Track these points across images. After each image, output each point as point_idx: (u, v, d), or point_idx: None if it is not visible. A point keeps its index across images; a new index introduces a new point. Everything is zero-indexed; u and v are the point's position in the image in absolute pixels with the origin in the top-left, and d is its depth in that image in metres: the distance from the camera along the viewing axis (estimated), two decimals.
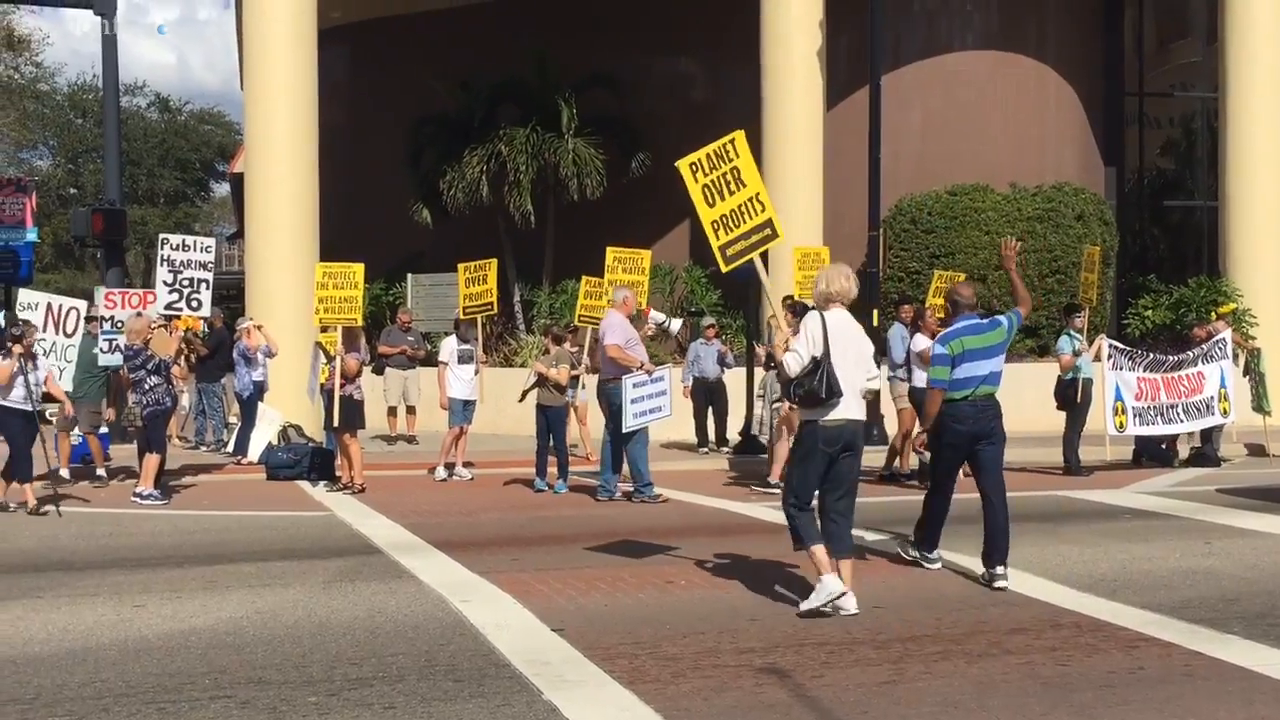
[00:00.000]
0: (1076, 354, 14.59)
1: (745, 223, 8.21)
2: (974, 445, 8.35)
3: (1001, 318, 8.58)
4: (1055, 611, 7.35)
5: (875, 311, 17.65)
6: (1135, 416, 14.89)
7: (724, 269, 8.51)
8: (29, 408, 11.96)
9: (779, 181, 19.31)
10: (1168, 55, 26.37)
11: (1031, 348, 20.18)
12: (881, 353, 15.21)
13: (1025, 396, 17.68)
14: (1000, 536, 8.18)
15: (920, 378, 13.49)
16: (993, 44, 22.78)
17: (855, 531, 7.79)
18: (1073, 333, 14.80)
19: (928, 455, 9.57)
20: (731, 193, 8.25)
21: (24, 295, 14.64)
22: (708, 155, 8.34)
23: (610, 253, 15.19)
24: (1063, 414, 14.84)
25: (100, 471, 14.30)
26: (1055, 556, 9.14)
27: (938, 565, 8.79)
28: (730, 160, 8.30)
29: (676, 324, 16.88)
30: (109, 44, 18.69)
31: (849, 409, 7.35)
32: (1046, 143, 22.93)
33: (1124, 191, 24.40)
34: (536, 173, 21.95)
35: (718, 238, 8.25)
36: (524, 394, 13.89)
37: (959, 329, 8.49)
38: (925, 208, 20.84)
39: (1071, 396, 14.63)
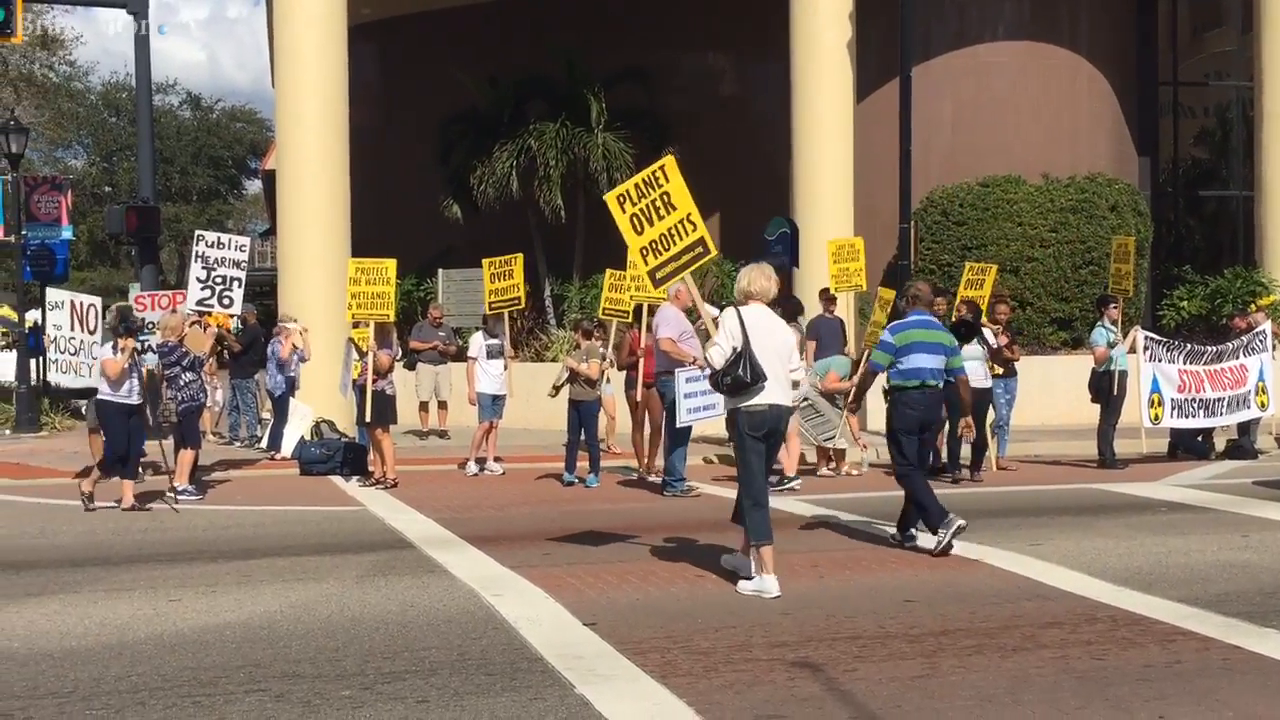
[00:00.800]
0: (1111, 345, 14.46)
1: (675, 244, 8.50)
2: (922, 432, 9.18)
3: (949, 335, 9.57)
4: (1091, 605, 7.30)
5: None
6: (1174, 408, 14.74)
7: (653, 290, 9.16)
8: (134, 401, 11.98)
9: (809, 174, 19.27)
10: (1202, 44, 26.12)
11: (1065, 340, 20.04)
12: None
13: (1058, 389, 17.64)
14: (932, 504, 9.05)
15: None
16: (1024, 34, 22.59)
17: (875, 531, 7.80)
18: (1107, 324, 14.67)
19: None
20: (660, 218, 8.51)
21: (51, 294, 14.83)
22: (636, 185, 8.61)
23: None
24: (1096, 406, 14.71)
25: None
26: (1090, 550, 9.08)
27: (960, 523, 8.91)
28: (660, 186, 8.53)
29: (714, 312, 16.81)
30: (142, 43, 18.82)
31: (773, 395, 7.77)
32: (1079, 133, 22.73)
33: (1158, 182, 24.19)
34: (566, 167, 21.97)
35: (646, 263, 8.60)
36: (555, 389, 13.90)
37: (910, 322, 9.25)
38: (957, 199, 20.71)
39: (1106, 388, 14.51)
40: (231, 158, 65.23)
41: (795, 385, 8.27)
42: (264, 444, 16.85)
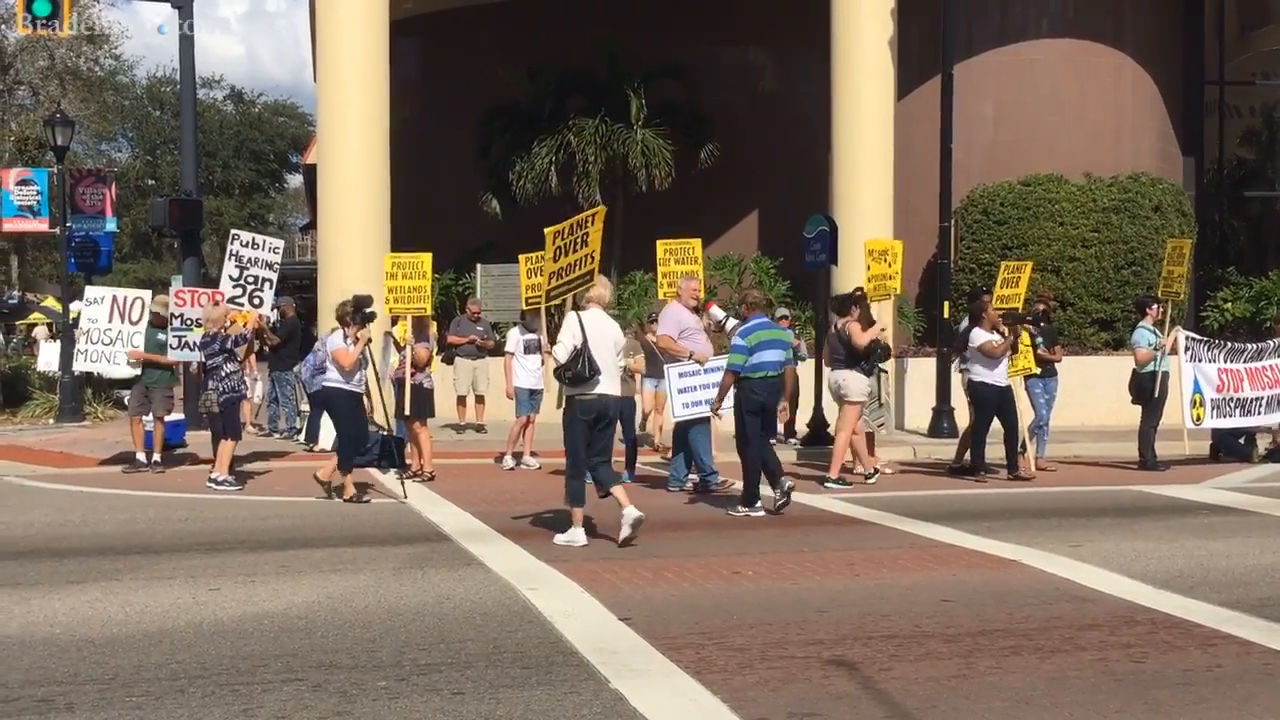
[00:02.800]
0: (1157, 348, 14.33)
1: (574, 273, 10.39)
2: (763, 413, 10.94)
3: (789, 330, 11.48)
4: (1130, 608, 7.23)
5: (946, 304, 17.49)
6: (1214, 409, 14.59)
7: (544, 304, 11.30)
8: (362, 390, 12.05)
9: (848, 172, 19.19)
10: (1249, 43, 25.79)
11: (1106, 341, 19.86)
12: (955, 345, 15.08)
13: (1099, 390, 17.49)
14: (773, 464, 10.92)
15: (980, 371, 13.37)
16: (1068, 32, 22.40)
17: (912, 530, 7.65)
18: (1148, 326, 14.52)
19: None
20: (574, 251, 10.46)
21: (90, 291, 14.91)
22: (569, 225, 10.51)
23: (660, 245, 15.19)
24: (1137, 408, 14.57)
25: (156, 458, 14.46)
26: (1130, 552, 9.00)
27: (761, 513, 10.65)
28: (585, 228, 10.47)
29: (732, 323, 16.82)
30: (186, 38, 18.97)
31: (605, 386, 9.40)
32: (1123, 132, 22.53)
33: (1203, 182, 23.91)
34: (605, 163, 21.97)
35: (550, 283, 10.64)
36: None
37: (755, 325, 10.98)
38: (998, 198, 20.58)
39: (1149, 390, 14.36)
40: (273, 152, 65.72)
41: (631, 377, 10.03)
42: (302, 436, 16.96)
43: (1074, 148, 21.59)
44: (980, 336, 13.35)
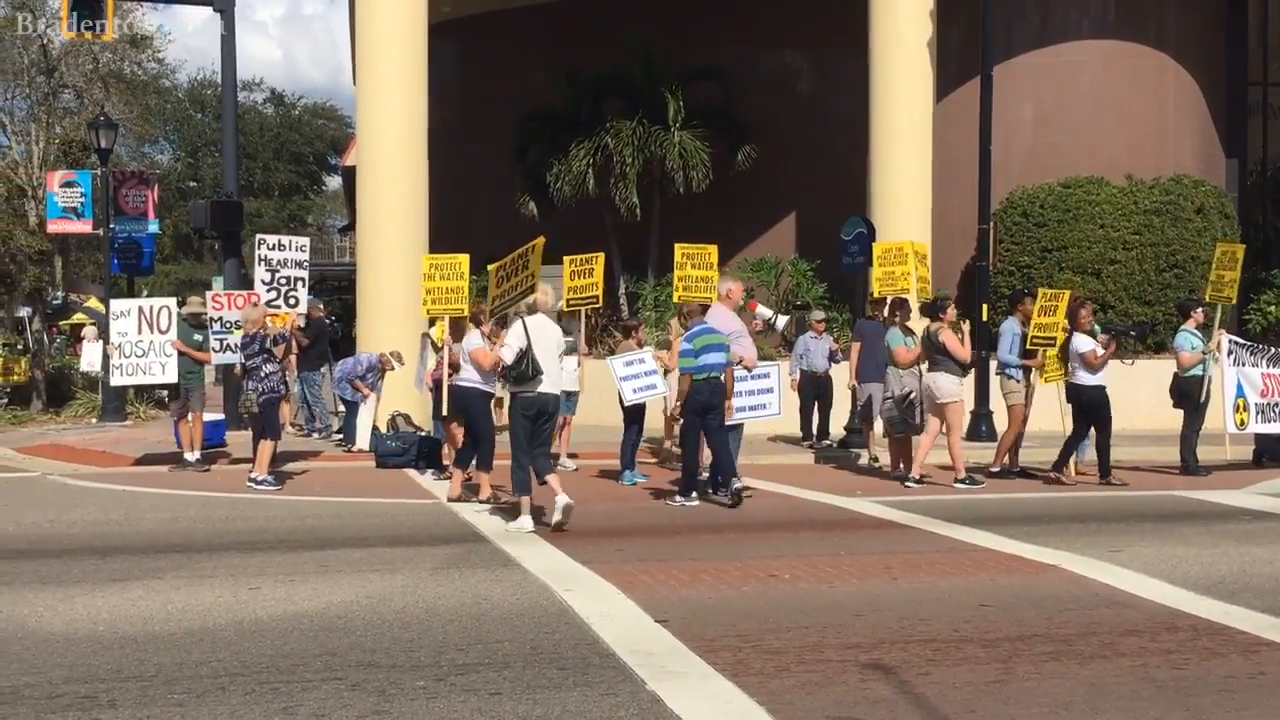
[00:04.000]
0: (1205, 352, 14.20)
1: (515, 291, 11.74)
2: (706, 414, 11.47)
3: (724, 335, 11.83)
4: (1171, 614, 7.17)
5: (985, 306, 17.38)
6: (1258, 413, 14.45)
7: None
8: (495, 390, 12.12)
9: (886, 174, 19.12)
10: None
11: (1147, 344, 19.68)
12: (992, 348, 14.99)
13: (1140, 394, 17.31)
14: (727, 462, 11.66)
15: (1082, 375, 13.33)
16: (1109, 33, 22.22)
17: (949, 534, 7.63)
18: (1192, 330, 14.37)
19: (677, 417, 12.25)
20: (515, 276, 11.77)
21: (115, 304, 14.97)
22: (510, 260, 11.82)
23: (678, 249, 15.19)
24: (1177, 412, 14.42)
25: (196, 455, 14.58)
26: (1171, 558, 8.91)
27: (696, 504, 11.52)
28: (526, 257, 11.68)
29: (782, 321, 16.80)
30: (227, 40, 19.14)
31: (546, 386, 10.30)
32: (1165, 134, 22.32)
33: (1246, 184, 23.63)
34: (642, 165, 21.99)
35: (492, 304, 12.16)
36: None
37: (699, 330, 11.66)
38: (1037, 201, 20.43)
39: (1195, 394, 14.20)
40: (312, 153, 66.19)
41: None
42: (339, 437, 17.09)
43: (1115, 149, 21.41)
44: (1084, 344, 13.33)
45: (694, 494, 11.66)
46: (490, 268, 12.08)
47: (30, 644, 6.46)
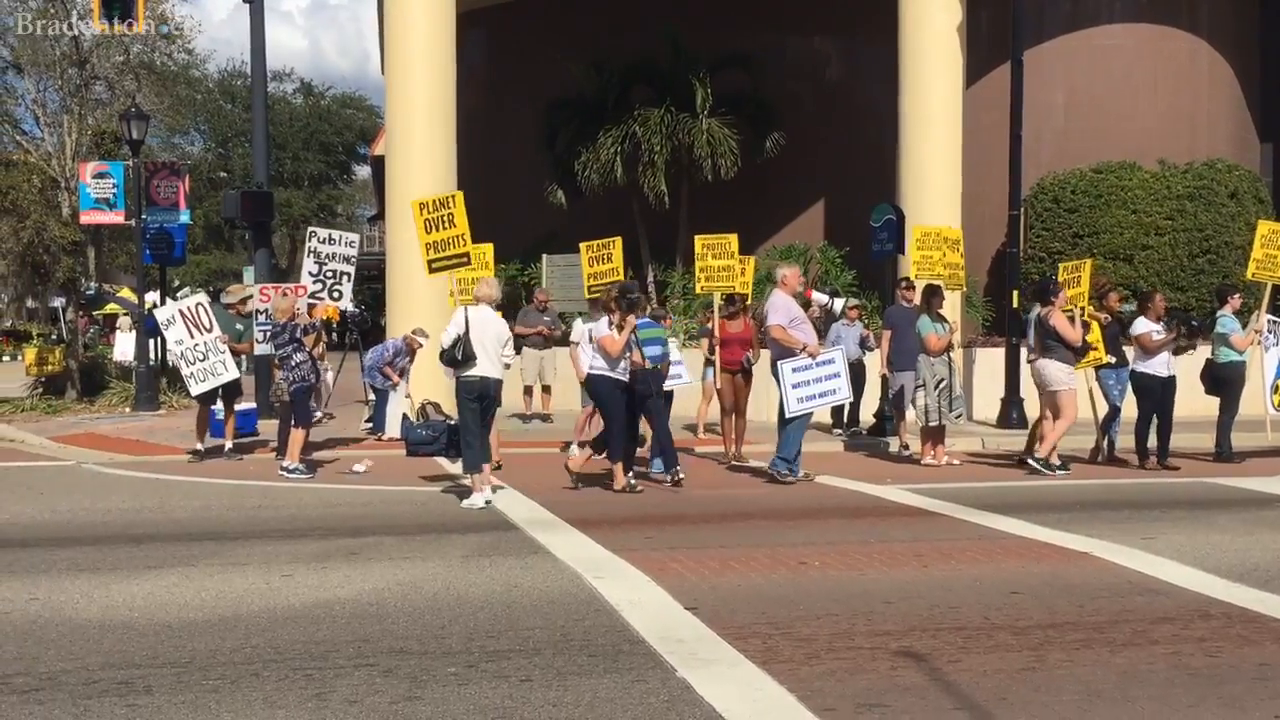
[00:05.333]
0: (1257, 332, 14.12)
1: (449, 250, 12.80)
2: (644, 400, 12.03)
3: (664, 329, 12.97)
4: (1204, 601, 7.12)
5: (1015, 293, 17.28)
6: None
7: (428, 274, 13.18)
8: (626, 378, 12.05)
9: (916, 160, 19.03)
10: None
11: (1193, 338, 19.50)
12: (1022, 334, 14.92)
13: None
14: (668, 445, 12.28)
15: (1142, 361, 13.29)
16: (1142, 16, 22.03)
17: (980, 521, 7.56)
18: (1230, 314, 14.23)
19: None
20: (444, 228, 12.74)
21: (159, 313, 15.13)
22: (434, 200, 12.80)
23: (699, 240, 15.16)
24: (1210, 398, 14.28)
25: (229, 445, 14.72)
26: (1205, 545, 8.86)
27: (640, 491, 11.70)
28: (449, 208, 12.70)
29: (840, 303, 16.64)
30: (257, 30, 19.20)
31: (484, 369, 10.94)
32: (1198, 119, 22.12)
33: None
34: (670, 153, 21.97)
35: (428, 254, 12.87)
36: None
37: (640, 325, 11.95)
38: (1069, 186, 20.30)
39: (1235, 381, 14.05)
40: (341, 144, 66.39)
41: (507, 366, 11.41)
42: (370, 426, 17.18)
43: (1147, 134, 21.24)
44: (1142, 326, 13.24)
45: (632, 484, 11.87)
46: (412, 203, 12.98)
47: (67, 630, 6.54)
